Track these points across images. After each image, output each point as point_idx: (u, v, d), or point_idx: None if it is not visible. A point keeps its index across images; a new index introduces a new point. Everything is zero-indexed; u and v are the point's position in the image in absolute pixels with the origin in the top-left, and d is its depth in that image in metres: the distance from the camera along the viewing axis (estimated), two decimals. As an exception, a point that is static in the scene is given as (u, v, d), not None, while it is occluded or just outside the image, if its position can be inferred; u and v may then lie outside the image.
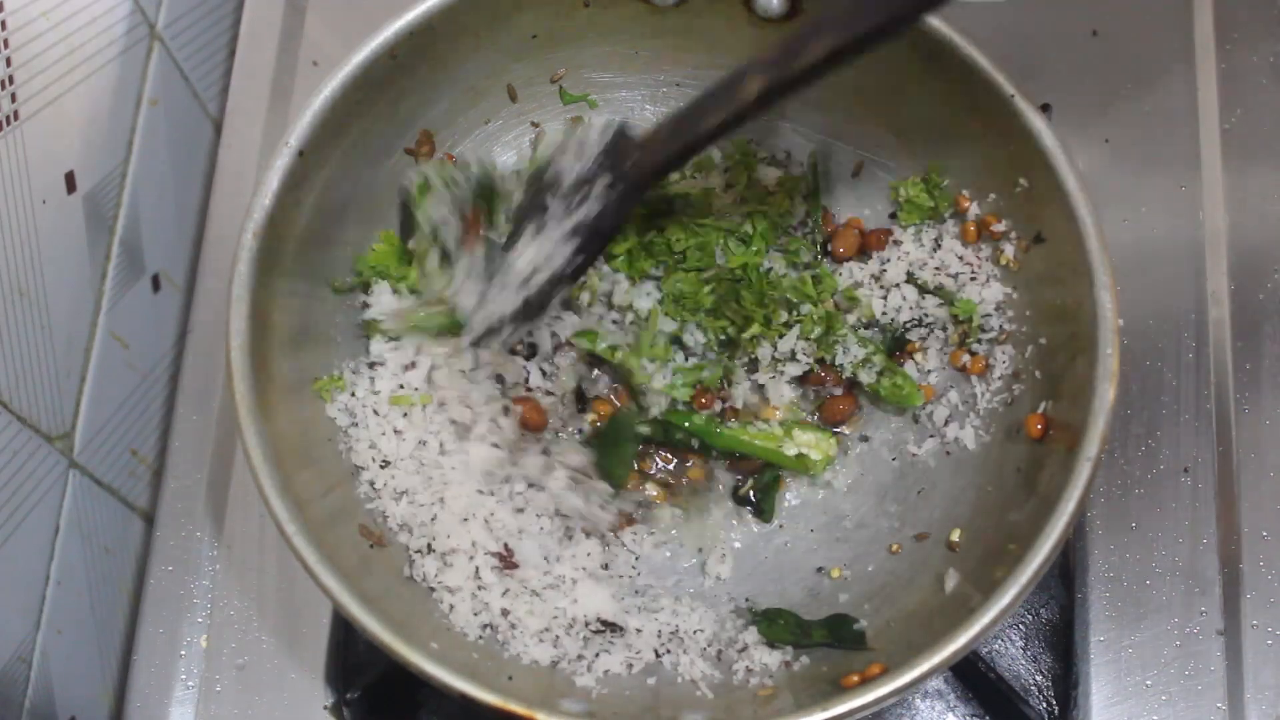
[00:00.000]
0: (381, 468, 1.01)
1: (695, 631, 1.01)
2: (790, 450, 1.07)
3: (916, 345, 1.09)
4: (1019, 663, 1.06)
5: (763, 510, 1.09)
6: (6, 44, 0.99)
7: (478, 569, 1.01)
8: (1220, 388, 1.14)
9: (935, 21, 0.97)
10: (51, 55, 1.06)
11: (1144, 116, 1.22)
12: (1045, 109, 1.15)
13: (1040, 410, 0.98)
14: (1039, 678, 1.06)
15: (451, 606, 0.98)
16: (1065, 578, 1.09)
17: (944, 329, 1.08)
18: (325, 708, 1.09)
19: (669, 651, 1.00)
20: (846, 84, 1.07)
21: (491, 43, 1.04)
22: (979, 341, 1.05)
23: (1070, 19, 1.25)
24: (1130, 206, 1.19)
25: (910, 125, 1.06)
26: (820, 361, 1.08)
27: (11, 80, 1.00)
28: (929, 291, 1.08)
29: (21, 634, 1.05)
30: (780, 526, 1.09)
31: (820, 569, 1.06)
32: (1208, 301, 1.16)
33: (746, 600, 1.05)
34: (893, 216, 1.10)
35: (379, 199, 1.06)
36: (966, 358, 1.06)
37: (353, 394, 1.02)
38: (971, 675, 1.06)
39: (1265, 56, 1.23)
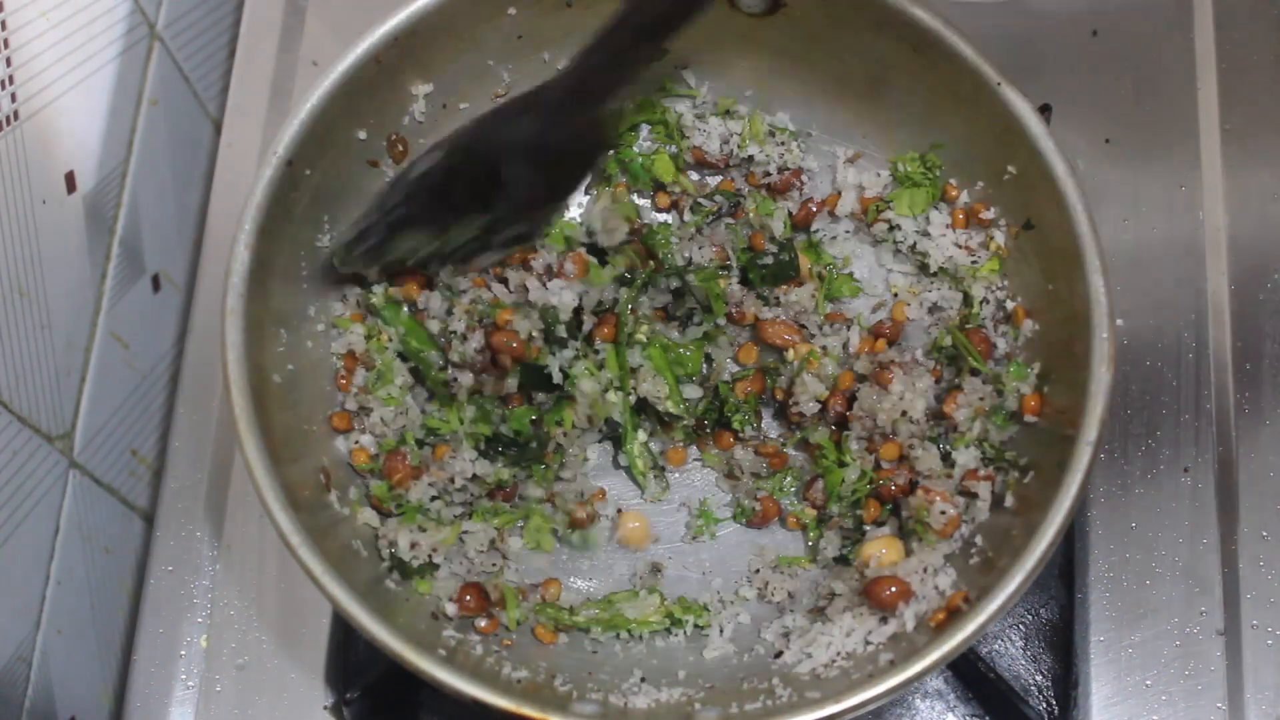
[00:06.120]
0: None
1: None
2: None
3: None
4: (1019, 663, 1.06)
5: None
6: (6, 44, 0.99)
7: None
8: (1220, 388, 1.14)
9: (922, 13, 0.97)
10: (51, 55, 1.06)
11: (1144, 116, 1.22)
12: (1045, 109, 1.15)
13: (1036, 389, 0.98)
14: (1039, 678, 1.06)
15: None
16: (1065, 578, 1.08)
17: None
18: (325, 708, 1.09)
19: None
20: (832, 75, 1.07)
21: (475, 45, 1.04)
22: (980, 323, 1.05)
23: (1070, 19, 1.25)
24: (1130, 206, 1.19)
25: (897, 116, 1.06)
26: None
27: (11, 80, 1.00)
28: (935, 272, 1.07)
29: (21, 634, 1.05)
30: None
31: None
32: (1208, 301, 1.16)
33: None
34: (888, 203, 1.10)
35: (369, 202, 1.05)
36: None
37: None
38: (971, 675, 1.06)
39: (1265, 56, 1.23)
